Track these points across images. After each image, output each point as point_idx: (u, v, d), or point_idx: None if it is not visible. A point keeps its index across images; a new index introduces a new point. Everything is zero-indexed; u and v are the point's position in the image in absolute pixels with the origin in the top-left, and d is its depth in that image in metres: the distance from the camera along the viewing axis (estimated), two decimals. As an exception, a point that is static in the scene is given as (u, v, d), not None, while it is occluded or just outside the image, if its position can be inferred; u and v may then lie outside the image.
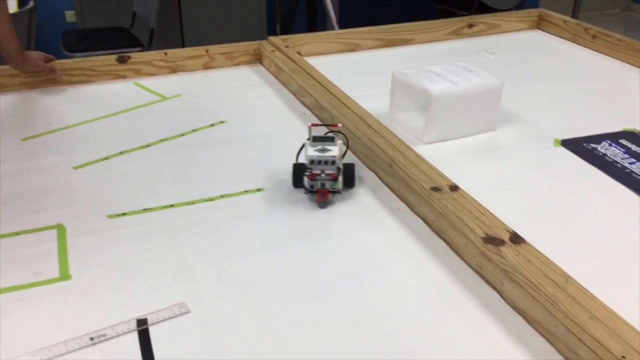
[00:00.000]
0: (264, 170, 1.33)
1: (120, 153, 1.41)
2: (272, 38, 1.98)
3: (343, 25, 2.57)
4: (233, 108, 1.66)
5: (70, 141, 1.47)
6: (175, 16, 3.54)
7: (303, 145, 1.24)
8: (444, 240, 1.08)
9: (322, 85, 1.62)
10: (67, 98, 1.71)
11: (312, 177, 1.17)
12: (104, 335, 0.87)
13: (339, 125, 1.30)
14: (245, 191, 1.26)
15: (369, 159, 1.32)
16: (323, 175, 1.17)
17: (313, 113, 1.60)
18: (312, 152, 1.18)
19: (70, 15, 3.66)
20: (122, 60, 1.83)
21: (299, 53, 1.90)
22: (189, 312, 0.92)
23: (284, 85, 1.79)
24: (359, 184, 1.27)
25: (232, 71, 1.93)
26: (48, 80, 1.75)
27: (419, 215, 1.16)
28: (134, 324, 0.89)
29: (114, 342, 0.87)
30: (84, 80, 1.80)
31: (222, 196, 1.24)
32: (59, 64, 1.77)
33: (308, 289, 0.98)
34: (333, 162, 1.17)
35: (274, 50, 1.90)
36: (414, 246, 1.08)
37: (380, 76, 1.81)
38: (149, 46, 3.17)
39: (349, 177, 1.23)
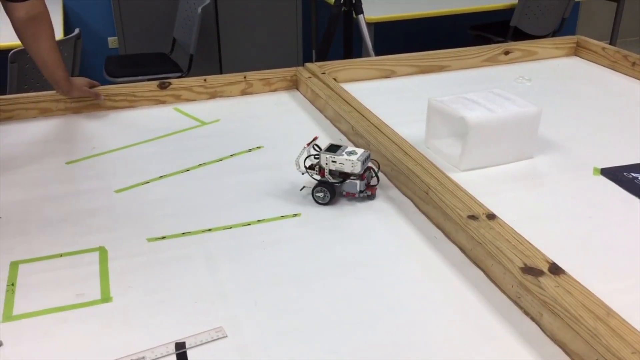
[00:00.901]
0: (300, 196, 1.35)
1: (160, 177, 1.44)
2: (309, 64, 2.01)
3: (379, 51, 2.59)
4: (270, 133, 1.68)
5: (113, 165, 1.51)
6: (213, 43, 3.62)
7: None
8: (481, 269, 1.07)
9: (358, 112, 1.63)
10: (110, 123, 1.76)
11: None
12: (143, 357, 0.89)
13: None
14: (282, 216, 1.27)
15: (405, 186, 1.32)
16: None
17: (349, 139, 1.61)
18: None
19: (112, 42, 3.78)
20: (163, 86, 1.88)
21: (335, 79, 1.92)
22: (225, 336, 0.94)
23: (320, 111, 1.81)
24: (395, 209, 1.27)
25: (269, 97, 1.96)
26: (92, 105, 1.81)
27: (455, 243, 1.15)
28: (172, 347, 0.91)
29: (153, 365, 0.88)
30: (126, 106, 1.85)
31: (258, 221, 1.25)
32: (103, 89, 1.82)
33: (344, 318, 0.98)
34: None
35: (310, 77, 1.93)
36: (451, 275, 1.08)
37: (415, 103, 1.83)
38: (188, 72, 3.24)
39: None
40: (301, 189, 1.35)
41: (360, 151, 1.30)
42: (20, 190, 1.37)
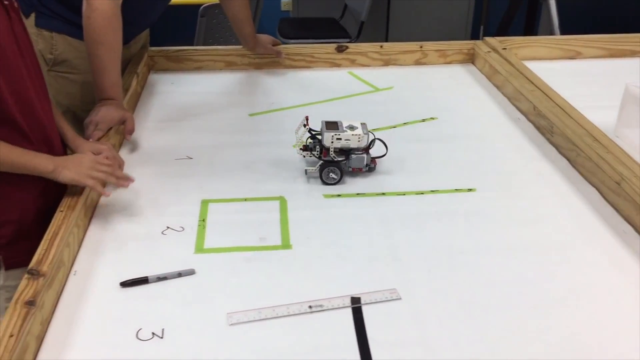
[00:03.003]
0: (475, 171, 1.32)
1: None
2: (488, 39, 1.94)
3: (563, 30, 2.44)
4: (444, 105, 1.65)
5: (290, 121, 1.56)
6: (383, 11, 3.61)
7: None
8: (679, 272, 0.99)
9: (542, 92, 1.55)
10: (287, 80, 1.83)
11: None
12: (321, 305, 0.93)
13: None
14: (456, 190, 1.25)
15: (592, 174, 1.24)
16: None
17: (528, 119, 1.54)
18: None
19: (285, 4, 3.90)
20: (340, 50, 1.91)
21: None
22: (399, 299, 0.95)
23: (498, 88, 1.74)
24: (579, 196, 1.20)
25: (443, 69, 1.92)
26: (273, 62, 1.88)
27: (648, 240, 1.07)
28: (348, 301, 0.94)
29: (329, 313, 0.92)
30: (304, 66, 1.90)
31: (432, 191, 1.24)
32: (284, 48, 1.89)
33: (519, 301, 0.95)
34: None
35: (489, 52, 1.86)
36: (641, 273, 1.00)
37: (604, 88, 1.71)
38: (357, 38, 3.27)
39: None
40: (307, 173, 1.27)
41: (358, 124, 1.24)
42: (208, 136, 1.47)
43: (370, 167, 1.28)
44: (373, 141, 1.28)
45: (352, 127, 1.24)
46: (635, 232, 1.10)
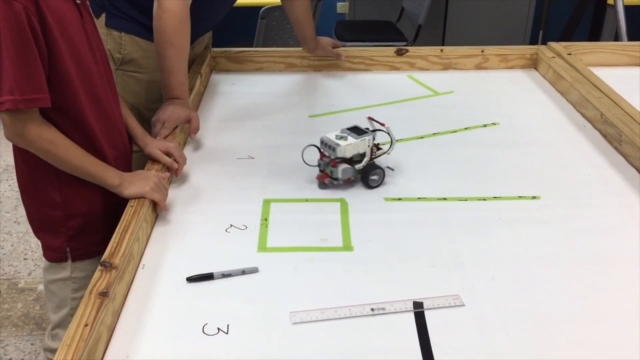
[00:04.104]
0: (539, 179, 1.29)
1: (396, 141, 1.47)
2: (552, 44, 1.90)
3: (630, 36, 2.37)
4: (506, 111, 1.63)
5: (350, 124, 1.56)
6: (440, 15, 3.58)
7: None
8: None
9: (610, 99, 1.51)
10: (347, 83, 1.84)
11: (322, 158, 1.25)
12: (383, 308, 0.93)
13: (385, 125, 1.30)
14: (520, 197, 1.23)
15: (663, 185, 1.21)
16: (326, 159, 1.23)
17: (594, 127, 1.50)
18: (330, 135, 1.24)
19: (341, 7, 3.91)
20: (399, 53, 1.91)
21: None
22: (463, 305, 0.94)
23: (562, 94, 1.71)
24: None
25: (505, 73, 1.89)
26: (332, 64, 1.89)
27: None
28: (410, 305, 0.93)
29: (391, 317, 0.92)
30: (363, 69, 1.91)
31: (495, 198, 1.23)
32: (343, 51, 1.89)
33: (584, 312, 0.93)
34: (333, 149, 1.21)
35: (554, 57, 1.82)
36: None
37: (674, 96, 1.65)
38: (413, 41, 3.25)
39: (364, 176, 1.24)
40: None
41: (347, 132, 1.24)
42: (269, 136, 1.49)
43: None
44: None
45: (347, 136, 1.23)
46: None
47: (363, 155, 1.24)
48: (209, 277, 0.98)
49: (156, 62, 1.41)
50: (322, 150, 1.26)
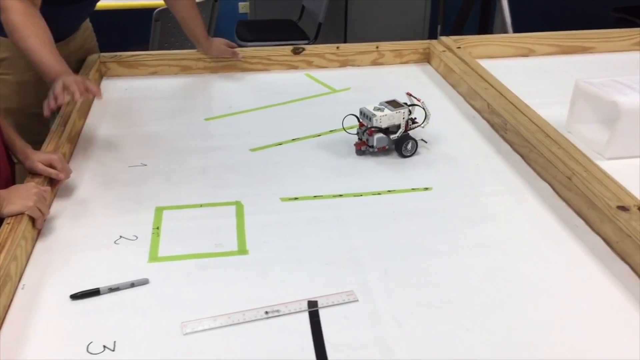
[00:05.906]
0: (431, 170, 1.32)
1: (293, 140, 1.47)
2: (444, 38, 1.96)
3: (515, 29, 2.48)
4: (401, 105, 1.66)
5: (248, 124, 1.55)
6: (340, 13, 3.62)
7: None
8: (628, 264, 1.01)
9: (496, 89, 1.57)
10: (244, 84, 1.81)
11: (360, 126, 1.37)
12: (277, 310, 0.92)
13: (421, 100, 1.42)
14: (413, 189, 1.25)
15: (545, 170, 1.26)
16: (364, 127, 1.35)
17: (483, 117, 1.56)
18: (369, 106, 1.36)
19: (243, 6, 3.88)
20: (296, 52, 1.90)
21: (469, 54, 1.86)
22: (356, 300, 0.94)
23: (453, 86, 1.76)
24: (532, 193, 1.22)
25: (400, 68, 1.93)
26: (228, 66, 1.87)
27: (599, 234, 1.09)
28: (305, 305, 0.93)
29: (286, 318, 0.91)
30: (260, 69, 1.89)
31: (389, 191, 1.25)
32: (240, 51, 1.87)
33: (476, 297, 0.96)
34: (370, 119, 1.33)
35: (444, 51, 1.88)
36: (594, 267, 1.02)
37: (556, 84, 1.74)
38: (315, 40, 3.27)
39: (398, 146, 1.35)
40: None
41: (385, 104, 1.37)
42: (163, 142, 1.45)
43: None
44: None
45: (383, 108, 1.36)
46: (586, 226, 1.12)
47: (398, 126, 1.35)
48: (95, 292, 0.94)
49: (24, 60, 1.36)
50: (360, 120, 1.37)
